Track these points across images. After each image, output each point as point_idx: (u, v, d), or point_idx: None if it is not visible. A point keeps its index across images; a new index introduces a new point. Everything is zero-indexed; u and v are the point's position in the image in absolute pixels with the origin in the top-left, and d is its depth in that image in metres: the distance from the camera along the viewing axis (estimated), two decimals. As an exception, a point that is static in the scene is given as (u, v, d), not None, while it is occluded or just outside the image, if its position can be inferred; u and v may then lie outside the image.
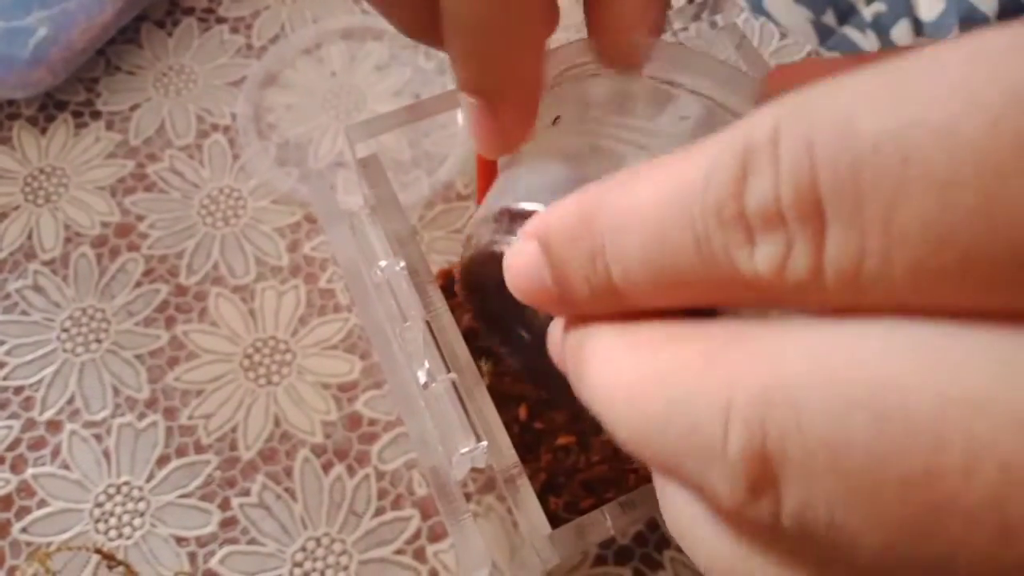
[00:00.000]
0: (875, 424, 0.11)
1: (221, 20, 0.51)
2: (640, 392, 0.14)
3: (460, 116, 0.48)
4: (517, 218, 0.23)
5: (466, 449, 0.26)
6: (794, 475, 0.12)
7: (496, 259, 0.23)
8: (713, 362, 0.13)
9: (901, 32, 0.74)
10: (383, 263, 0.28)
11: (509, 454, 0.28)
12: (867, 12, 0.61)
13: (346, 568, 0.38)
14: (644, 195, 0.14)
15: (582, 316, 0.17)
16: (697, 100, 0.24)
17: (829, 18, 0.79)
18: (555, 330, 0.19)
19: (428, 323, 0.28)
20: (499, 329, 0.29)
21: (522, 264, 0.17)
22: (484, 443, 0.26)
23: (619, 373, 0.15)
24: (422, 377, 0.27)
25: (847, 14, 0.64)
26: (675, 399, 0.13)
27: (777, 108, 0.12)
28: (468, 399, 0.27)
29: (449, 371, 0.27)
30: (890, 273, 0.11)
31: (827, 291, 0.12)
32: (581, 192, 0.16)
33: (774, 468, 0.12)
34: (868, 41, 0.74)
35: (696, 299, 0.14)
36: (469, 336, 0.41)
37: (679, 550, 0.39)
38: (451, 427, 0.26)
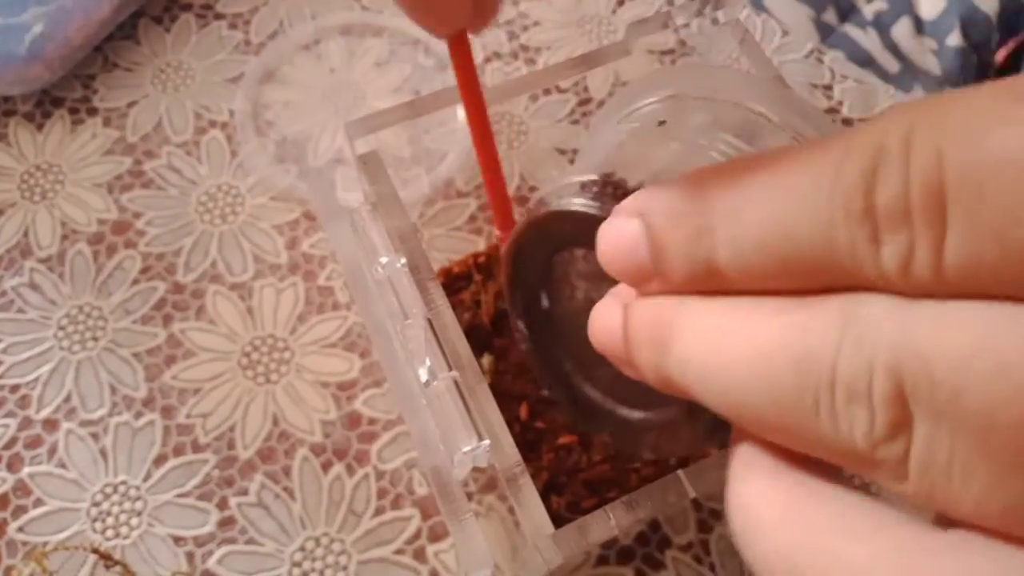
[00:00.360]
0: (990, 373, 0.12)
1: (219, 16, 0.51)
2: (763, 355, 0.15)
3: (460, 113, 0.48)
4: (609, 186, 0.23)
5: (468, 448, 0.26)
6: (925, 416, 0.13)
7: (574, 220, 0.23)
8: (848, 318, 0.14)
9: (902, 30, 0.73)
10: (384, 260, 0.28)
11: (511, 453, 0.27)
12: (868, 10, 0.60)
13: (345, 568, 0.38)
14: (766, 180, 0.15)
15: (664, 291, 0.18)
16: (782, 132, 0.25)
17: (830, 16, 0.79)
18: (609, 308, 0.19)
19: (429, 321, 0.28)
20: (525, 300, 0.28)
21: (620, 238, 0.17)
22: (486, 442, 0.26)
23: (733, 339, 0.15)
24: (423, 375, 0.27)
25: (848, 12, 0.63)
26: (807, 355, 0.14)
27: (911, 111, 0.13)
28: (470, 397, 0.27)
29: (451, 369, 0.27)
30: (1001, 276, 0.12)
31: (948, 286, 0.13)
32: (692, 174, 0.17)
33: (910, 410, 0.13)
34: (869, 39, 0.74)
35: (803, 285, 0.15)
36: (470, 334, 0.40)
37: (681, 550, 0.39)
38: (453, 426, 0.26)
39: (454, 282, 0.42)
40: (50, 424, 0.40)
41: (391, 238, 0.29)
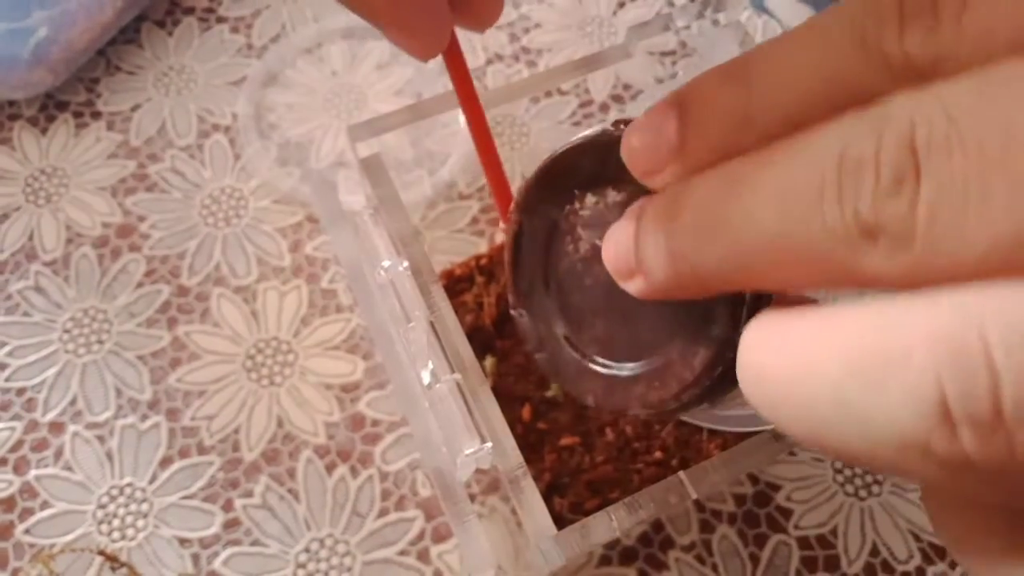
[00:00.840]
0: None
1: (221, 20, 0.51)
2: (776, 175, 0.15)
3: (462, 116, 0.48)
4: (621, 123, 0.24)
5: (471, 450, 0.26)
6: (937, 154, 0.13)
7: (597, 147, 0.23)
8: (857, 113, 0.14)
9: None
10: (386, 263, 0.28)
11: (514, 455, 0.27)
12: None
13: (350, 569, 0.38)
14: (795, 34, 0.16)
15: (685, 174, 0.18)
16: None
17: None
18: (622, 224, 0.19)
19: (432, 323, 0.28)
20: (528, 266, 0.28)
21: (648, 123, 0.18)
22: (489, 444, 0.26)
23: (741, 182, 0.16)
24: (426, 378, 0.27)
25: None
26: (817, 150, 0.15)
27: None
28: (472, 400, 0.27)
29: (453, 371, 0.27)
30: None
31: (962, 60, 0.14)
32: (727, 61, 0.18)
33: (918, 160, 0.13)
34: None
35: (829, 105, 0.15)
36: (472, 336, 0.41)
37: (684, 550, 0.39)
38: (455, 428, 0.26)
39: (456, 284, 0.42)
40: (56, 427, 0.41)
41: (393, 241, 0.29)
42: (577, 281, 0.26)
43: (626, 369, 0.25)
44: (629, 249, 0.19)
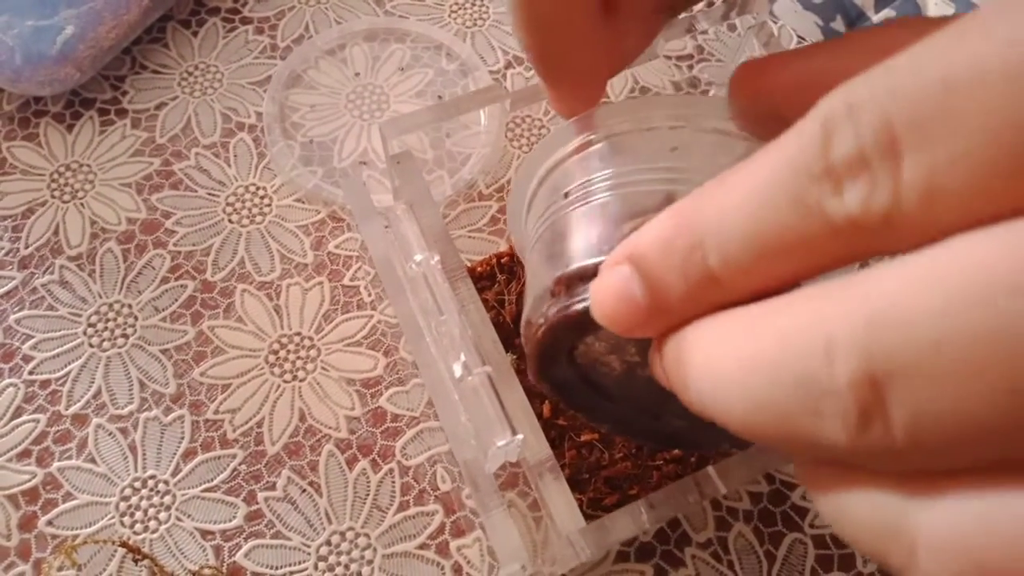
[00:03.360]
0: (986, 310, 0.12)
1: (246, 20, 0.52)
2: (746, 364, 0.15)
3: (483, 117, 0.49)
4: (575, 280, 0.24)
5: (502, 443, 0.26)
6: (904, 386, 0.12)
7: (568, 322, 0.24)
8: (811, 310, 0.14)
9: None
10: (419, 257, 0.29)
11: (543, 447, 0.28)
12: (876, 18, 0.61)
13: (370, 562, 0.39)
14: (738, 184, 0.16)
15: (674, 327, 0.18)
16: (745, 141, 0.25)
17: (838, 24, 0.79)
18: (654, 356, 0.19)
19: (462, 317, 0.28)
20: (579, 398, 0.29)
21: (610, 287, 0.18)
22: (520, 436, 0.27)
23: (722, 354, 0.16)
24: (458, 370, 0.27)
25: (856, 20, 0.64)
26: (779, 358, 0.14)
27: (843, 85, 0.14)
28: (503, 392, 0.27)
29: (485, 364, 0.28)
30: (963, 180, 0.13)
31: (909, 219, 0.13)
32: (669, 208, 0.17)
33: (882, 387, 0.13)
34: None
35: (794, 269, 0.15)
36: (499, 330, 0.41)
37: (700, 547, 0.40)
38: (487, 420, 0.27)
39: (477, 282, 0.43)
40: (79, 419, 0.41)
41: (425, 236, 0.30)
42: (631, 390, 0.28)
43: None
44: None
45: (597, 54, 0.26)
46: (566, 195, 0.27)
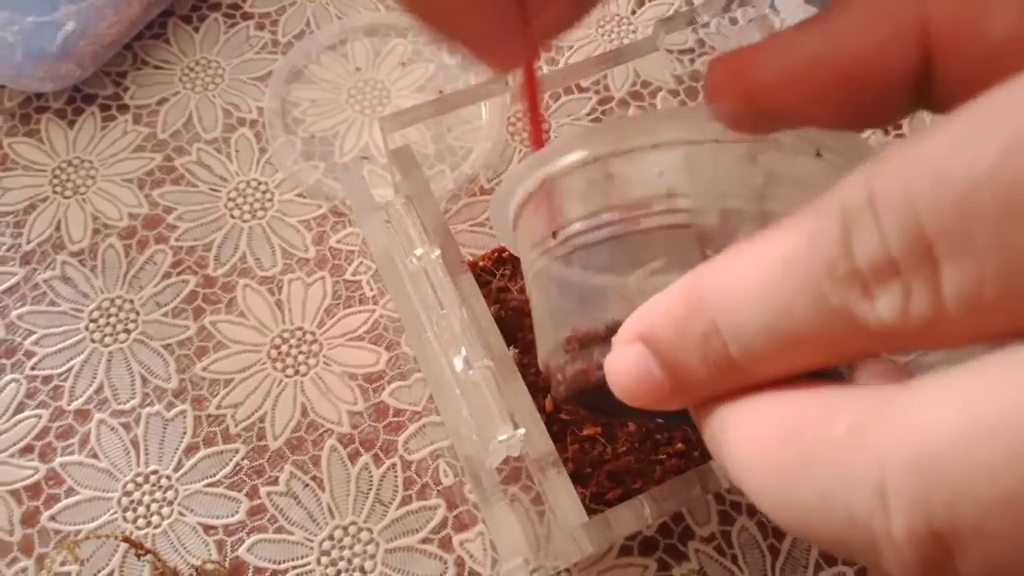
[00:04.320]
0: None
1: (247, 16, 0.52)
2: (788, 475, 0.14)
3: (484, 111, 0.49)
4: (588, 341, 0.24)
5: (504, 437, 0.26)
6: (973, 544, 0.11)
7: (588, 387, 0.24)
8: (857, 435, 0.13)
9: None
10: (419, 251, 0.29)
11: (544, 442, 0.28)
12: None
13: (373, 557, 0.39)
14: (751, 269, 0.15)
15: (707, 397, 0.17)
16: (742, 144, 0.24)
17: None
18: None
19: (464, 311, 0.28)
20: (605, 410, 0.29)
21: (627, 367, 0.17)
22: (521, 431, 0.27)
23: (762, 455, 0.15)
24: (459, 364, 0.27)
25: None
26: (827, 485, 0.13)
27: (863, 172, 0.13)
28: (504, 386, 0.27)
29: (486, 358, 0.28)
30: (1013, 290, 0.12)
31: (953, 324, 0.12)
32: (678, 285, 0.17)
33: (947, 541, 0.12)
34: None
35: (818, 360, 0.15)
36: (501, 324, 0.41)
37: (704, 541, 0.40)
38: (488, 415, 0.27)
39: (479, 276, 0.42)
40: (82, 415, 0.41)
41: (425, 230, 0.29)
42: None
43: None
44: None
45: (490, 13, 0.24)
46: (557, 234, 0.25)
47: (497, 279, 0.42)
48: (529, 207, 0.27)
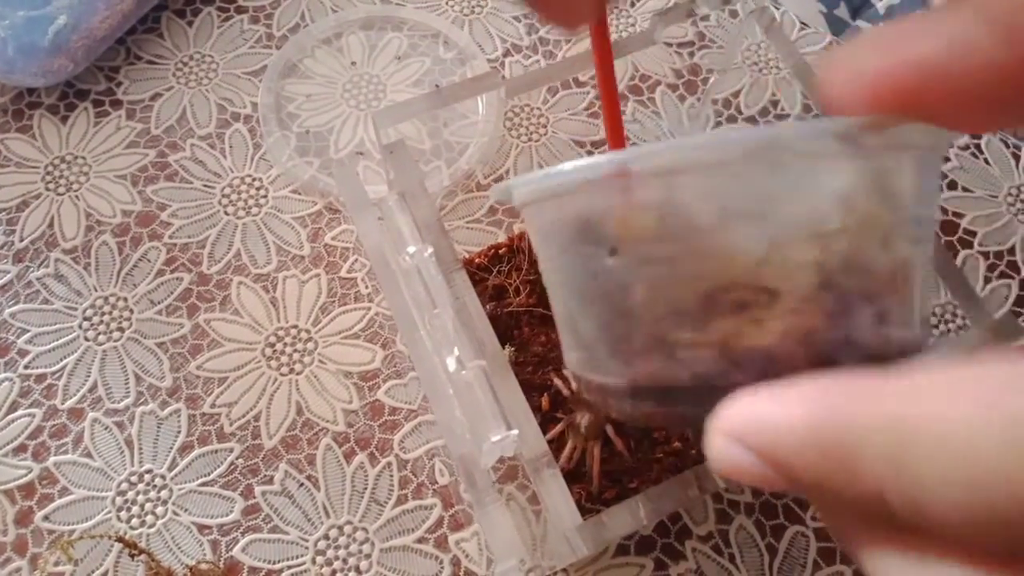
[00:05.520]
0: None
1: (241, 10, 0.51)
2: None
3: (481, 106, 0.48)
4: (640, 393, 0.21)
5: (497, 437, 0.26)
6: None
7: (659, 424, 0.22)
8: None
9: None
10: (411, 249, 0.28)
11: (538, 442, 0.28)
12: (880, 5, 0.60)
13: (368, 556, 0.38)
14: (918, 417, 0.13)
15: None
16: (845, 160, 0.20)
17: (842, 11, 0.78)
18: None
19: (456, 310, 0.28)
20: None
21: (741, 470, 0.16)
22: (515, 431, 0.26)
23: None
24: (451, 364, 0.27)
25: (860, 8, 0.63)
26: None
27: None
28: (498, 386, 0.27)
29: (479, 358, 0.27)
30: None
31: None
32: (808, 393, 0.15)
33: None
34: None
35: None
36: (491, 325, 0.41)
37: (701, 540, 0.39)
38: (481, 415, 0.26)
39: (475, 273, 0.42)
40: (75, 414, 0.41)
41: (418, 227, 0.29)
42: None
43: None
44: None
45: None
46: (612, 251, 0.21)
47: (493, 276, 0.42)
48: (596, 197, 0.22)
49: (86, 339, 0.42)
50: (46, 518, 0.39)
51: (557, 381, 0.39)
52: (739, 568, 0.39)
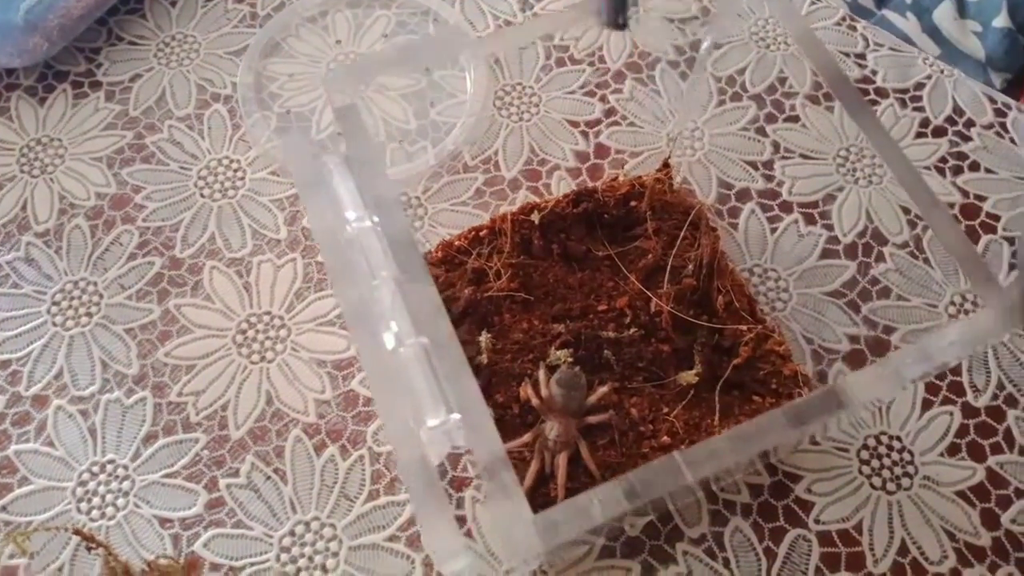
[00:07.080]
0: None
1: (226, -12, 0.50)
2: None
3: (469, 83, 0.46)
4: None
5: (436, 422, 0.24)
6: None
7: None
8: None
9: (943, 13, 0.69)
10: (351, 215, 0.26)
11: (492, 437, 0.25)
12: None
13: (336, 554, 0.36)
14: None
15: None
16: None
17: (867, 0, 0.75)
18: None
19: (398, 282, 0.25)
20: None
21: None
22: (456, 416, 0.24)
23: None
24: (389, 341, 0.25)
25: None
26: None
27: None
28: (440, 366, 0.24)
29: (419, 335, 0.25)
30: None
31: None
32: None
33: None
34: (909, 25, 0.70)
35: None
36: (469, 310, 0.38)
37: (693, 543, 0.36)
38: (420, 396, 0.24)
39: (454, 256, 0.40)
40: (39, 401, 0.39)
41: (361, 193, 0.27)
42: None
43: None
44: None
45: None
46: None
47: (473, 259, 0.39)
48: None
49: (54, 324, 0.41)
50: (4, 509, 0.37)
51: (528, 391, 0.36)
52: (734, 574, 0.36)
